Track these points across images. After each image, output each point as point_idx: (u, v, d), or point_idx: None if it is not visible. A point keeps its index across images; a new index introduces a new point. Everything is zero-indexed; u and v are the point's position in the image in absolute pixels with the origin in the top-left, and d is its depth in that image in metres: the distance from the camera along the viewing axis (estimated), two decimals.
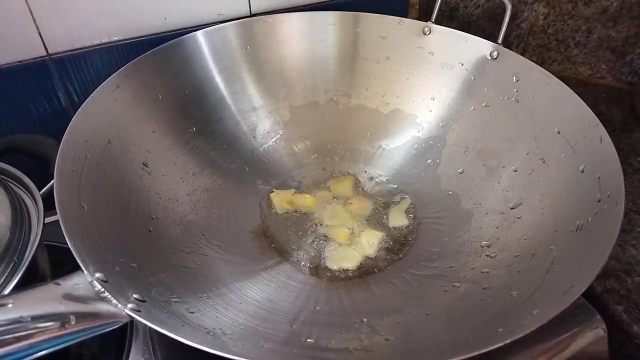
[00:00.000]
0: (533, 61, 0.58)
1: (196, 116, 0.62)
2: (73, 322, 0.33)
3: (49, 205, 0.44)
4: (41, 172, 0.51)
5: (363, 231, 0.57)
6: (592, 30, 0.81)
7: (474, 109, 0.62)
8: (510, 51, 0.60)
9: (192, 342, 0.34)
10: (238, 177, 0.63)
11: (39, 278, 0.45)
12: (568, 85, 0.53)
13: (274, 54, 0.67)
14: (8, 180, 0.49)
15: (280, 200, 0.60)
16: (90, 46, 0.62)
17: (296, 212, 0.60)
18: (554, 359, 0.50)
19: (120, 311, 0.35)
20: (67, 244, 0.38)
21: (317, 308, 0.49)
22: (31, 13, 0.57)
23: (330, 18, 0.67)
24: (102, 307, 0.35)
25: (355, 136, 0.68)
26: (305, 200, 0.61)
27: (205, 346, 0.34)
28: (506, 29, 0.61)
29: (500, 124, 0.59)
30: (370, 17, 0.66)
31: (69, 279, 0.36)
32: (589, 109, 0.51)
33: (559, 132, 0.53)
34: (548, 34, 0.84)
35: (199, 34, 0.62)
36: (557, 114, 0.54)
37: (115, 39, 0.63)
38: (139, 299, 0.38)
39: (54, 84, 0.62)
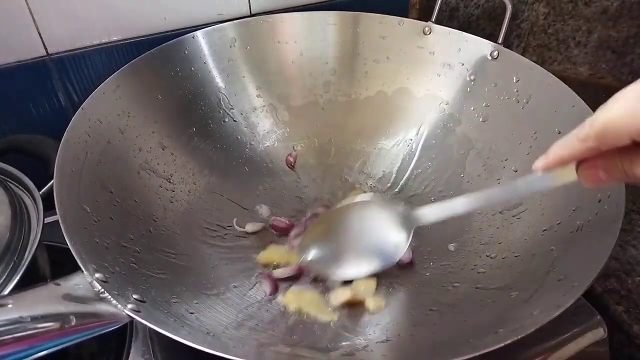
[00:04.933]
0: (533, 61, 0.58)
1: (196, 116, 0.62)
2: (73, 323, 0.33)
3: (49, 205, 0.44)
4: (41, 172, 0.51)
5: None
6: (593, 30, 0.81)
7: (474, 109, 0.62)
8: (511, 51, 0.60)
9: (192, 342, 0.34)
10: (238, 177, 0.63)
11: (39, 278, 0.45)
12: (568, 85, 0.53)
13: (274, 54, 0.67)
14: (8, 180, 0.49)
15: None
16: (90, 46, 0.62)
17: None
18: (555, 359, 0.50)
19: (120, 311, 0.35)
20: (67, 244, 0.38)
21: None
22: (31, 13, 0.57)
23: (330, 18, 0.67)
24: (101, 307, 0.35)
25: (355, 136, 0.68)
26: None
27: (205, 347, 0.34)
28: (506, 29, 0.61)
29: (500, 124, 0.59)
30: (370, 17, 0.66)
31: (68, 279, 0.36)
32: (589, 109, 0.51)
33: (559, 132, 0.53)
34: (548, 34, 0.84)
35: (199, 34, 0.62)
36: (557, 114, 0.54)
37: (115, 39, 0.63)
38: (138, 300, 0.38)
39: (54, 84, 0.62)
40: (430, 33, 0.65)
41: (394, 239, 0.48)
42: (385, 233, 0.49)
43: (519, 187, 0.39)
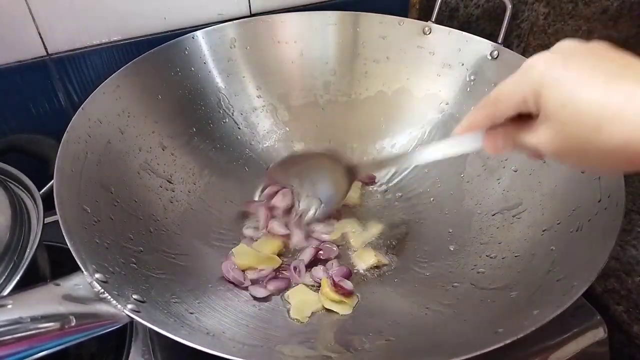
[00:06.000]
0: None
1: (196, 116, 0.62)
2: (73, 323, 0.33)
3: (49, 205, 0.44)
4: (41, 172, 0.51)
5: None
6: (593, 30, 0.81)
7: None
8: (511, 51, 0.60)
9: (192, 342, 0.34)
10: (238, 177, 0.62)
11: (39, 278, 0.45)
12: None
13: (273, 54, 0.67)
14: (8, 180, 0.49)
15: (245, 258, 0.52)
16: (90, 46, 0.62)
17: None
18: (555, 359, 0.50)
19: (120, 312, 0.35)
20: (67, 244, 0.38)
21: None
22: (31, 13, 0.57)
23: (330, 18, 0.67)
24: (101, 307, 0.35)
25: (355, 136, 0.68)
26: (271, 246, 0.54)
27: (205, 347, 0.34)
28: (506, 29, 0.61)
29: None
30: (370, 17, 0.66)
31: (68, 280, 0.36)
32: None
33: None
34: (548, 34, 0.84)
35: (199, 34, 0.62)
36: None
37: (115, 39, 0.63)
38: (138, 300, 0.38)
39: (54, 84, 0.62)
40: (430, 33, 0.64)
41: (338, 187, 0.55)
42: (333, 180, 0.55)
43: (438, 149, 0.43)
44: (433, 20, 0.65)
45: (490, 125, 0.36)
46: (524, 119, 0.33)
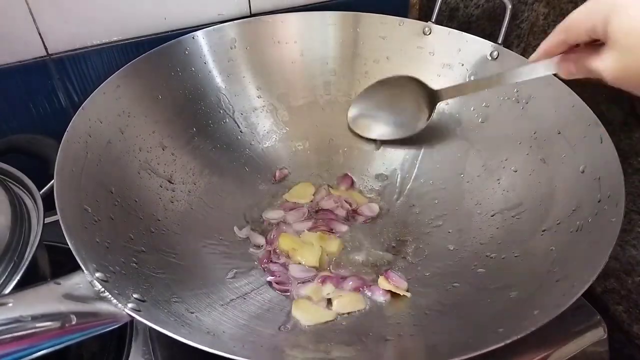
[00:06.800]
0: None
1: (196, 116, 0.62)
2: (73, 322, 0.33)
3: (49, 205, 0.44)
4: (41, 172, 0.51)
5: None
6: None
7: (474, 109, 0.62)
8: (511, 51, 0.60)
9: (192, 342, 0.34)
10: (238, 177, 0.63)
11: (39, 278, 0.45)
12: (568, 85, 0.54)
13: (273, 54, 0.67)
14: (8, 180, 0.49)
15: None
16: (90, 46, 0.62)
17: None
18: (554, 359, 0.50)
19: (120, 311, 0.35)
20: (67, 244, 0.38)
21: None
22: (31, 13, 0.57)
23: (330, 18, 0.67)
24: (102, 306, 0.35)
25: (355, 136, 0.68)
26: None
27: (205, 346, 0.34)
28: (506, 29, 0.61)
29: (500, 124, 0.59)
30: (370, 17, 0.66)
31: (69, 279, 0.36)
32: (589, 109, 0.51)
33: (559, 132, 0.53)
34: (548, 34, 0.84)
35: (199, 34, 0.62)
36: (557, 114, 0.54)
37: (115, 39, 0.63)
38: (139, 299, 0.38)
39: (54, 84, 0.62)
40: (430, 33, 0.65)
41: (419, 113, 0.61)
42: (413, 106, 0.62)
43: (516, 73, 0.48)
44: (433, 20, 0.65)
45: (563, 51, 0.40)
46: (596, 46, 0.35)
